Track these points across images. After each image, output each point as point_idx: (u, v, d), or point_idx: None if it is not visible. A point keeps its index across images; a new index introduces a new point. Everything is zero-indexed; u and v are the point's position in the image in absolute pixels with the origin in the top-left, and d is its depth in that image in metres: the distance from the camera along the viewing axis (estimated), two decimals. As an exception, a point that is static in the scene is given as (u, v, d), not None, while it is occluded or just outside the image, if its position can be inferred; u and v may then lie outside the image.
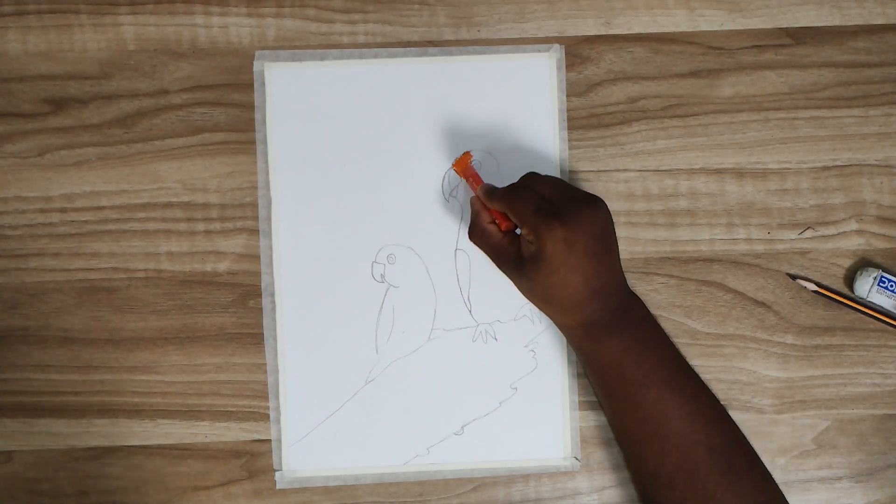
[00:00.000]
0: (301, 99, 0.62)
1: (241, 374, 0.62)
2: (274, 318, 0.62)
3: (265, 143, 0.62)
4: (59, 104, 0.62)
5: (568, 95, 0.63)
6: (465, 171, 0.60)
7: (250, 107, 0.62)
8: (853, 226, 0.63)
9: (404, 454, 0.62)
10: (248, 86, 0.62)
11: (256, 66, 0.62)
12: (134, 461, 0.62)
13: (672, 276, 0.62)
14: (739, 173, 0.63)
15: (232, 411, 0.62)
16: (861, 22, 0.63)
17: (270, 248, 0.62)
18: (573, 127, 0.63)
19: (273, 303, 0.62)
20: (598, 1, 0.63)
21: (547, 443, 0.62)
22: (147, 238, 0.62)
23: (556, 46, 0.62)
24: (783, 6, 0.63)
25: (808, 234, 0.63)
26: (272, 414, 0.62)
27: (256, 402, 0.62)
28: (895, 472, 0.62)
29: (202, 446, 0.62)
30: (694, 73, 0.63)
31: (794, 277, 0.62)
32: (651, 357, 0.55)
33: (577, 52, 0.63)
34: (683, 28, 0.63)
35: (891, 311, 0.62)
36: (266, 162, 0.62)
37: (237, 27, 0.63)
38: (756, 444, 0.57)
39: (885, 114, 0.63)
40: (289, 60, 0.62)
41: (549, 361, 0.62)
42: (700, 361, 0.62)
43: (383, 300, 0.62)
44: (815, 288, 0.62)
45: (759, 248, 0.63)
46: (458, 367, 0.62)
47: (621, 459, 0.61)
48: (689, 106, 0.63)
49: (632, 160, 0.63)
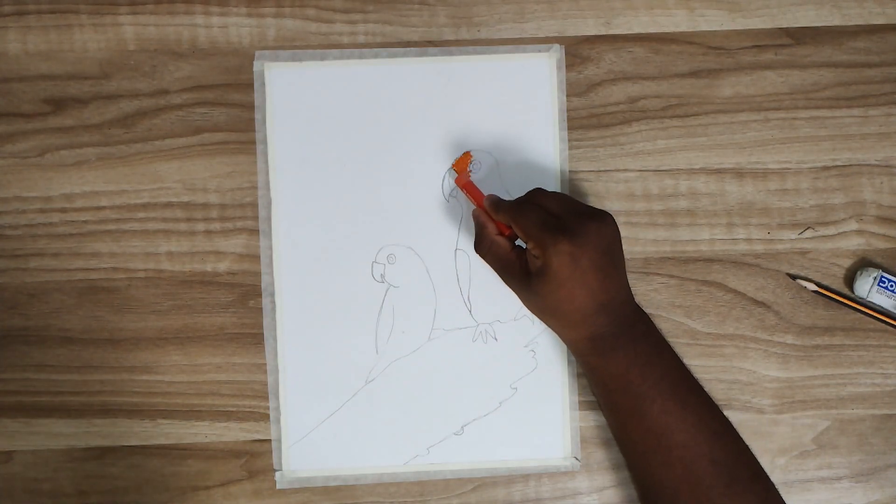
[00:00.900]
0: (301, 99, 0.62)
1: (241, 374, 0.62)
2: (274, 318, 0.62)
3: (265, 143, 0.62)
4: (59, 104, 0.62)
5: (568, 95, 0.63)
6: (464, 183, 0.60)
7: (250, 107, 0.62)
8: (853, 226, 0.63)
9: (404, 454, 0.62)
10: (248, 86, 0.62)
11: (256, 66, 0.62)
12: (134, 461, 0.62)
13: (672, 276, 0.62)
14: (739, 173, 0.63)
15: (232, 411, 0.62)
16: (861, 22, 0.63)
17: (270, 248, 0.62)
18: (573, 127, 0.63)
19: (273, 303, 0.62)
20: (598, 1, 0.63)
21: (547, 443, 0.62)
22: (147, 238, 0.62)
23: (556, 46, 0.63)
24: (783, 6, 0.63)
25: (808, 234, 0.63)
26: (272, 414, 0.62)
27: (256, 402, 0.62)
28: (895, 472, 0.62)
29: (202, 446, 0.62)
30: (694, 73, 0.63)
31: (794, 277, 0.62)
32: (656, 370, 0.55)
33: (577, 52, 0.63)
34: (683, 28, 0.63)
35: (891, 311, 0.62)
36: (266, 162, 0.62)
37: (237, 27, 0.63)
38: (756, 444, 0.58)
39: (885, 114, 0.63)
40: (289, 60, 0.62)
41: (549, 361, 0.62)
42: (700, 361, 0.62)
43: (383, 300, 0.62)
44: (815, 288, 0.62)
45: (759, 248, 0.63)
46: (458, 367, 0.62)
47: (621, 459, 0.61)
48: (689, 106, 0.63)
49: (632, 160, 0.63)
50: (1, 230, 0.62)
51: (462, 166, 0.61)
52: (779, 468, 0.62)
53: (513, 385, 0.62)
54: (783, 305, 0.62)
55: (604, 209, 0.56)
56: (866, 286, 0.61)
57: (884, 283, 0.61)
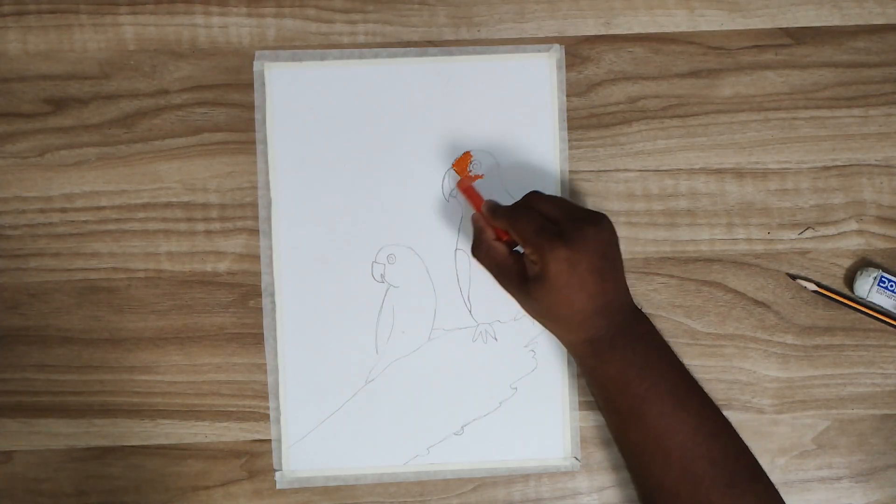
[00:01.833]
0: (301, 99, 0.62)
1: (241, 374, 0.62)
2: (274, 318, 0.62)
3: (265, 143, 0.62)
4: (59, 104, 0.62)
5: (568, 95, 0.63)
6: (465, 187, 0.60)
7: (250, 107, 0.62)
8: (853, 226, 0.63)
9: (404, 454, 0.62)
10: (248, 86, 0.62)
11: (256, 66, 0.62)
12: (134, 461, 0.62)
13: (672, 276, 0.62)
14: (739, 173, 0.63)
15: (232, 411, 0.62)
16: (861, 22, 0.63)
17: (270, 248, 0.62)
18: (573, 127, 0.63)
19: (273, 303, 0.62)
20: (598, 1, 0.63)
21: (547, 443, 0.62)
22: (147, 238, 0.62)
23: (556, 46, 0.63)
24: (783, 6, 0.63)
25: (808, 234, 0.63)
26: (272, 414, 0.62)
27: (256, 402, 0.62)
28: (895, 472, 0.62)
29: (202, 446, 0.62)
30: (694, 73, 0.63)
31: (794, 277, 0.62)
32: (654, 372, 0.55)
33: (577, 52, 0.63)
34: (683, 28, 0.63)
35: (891, 311, 0.62)
36: (266, 162, 0.62)
37: (237, 27, 0.63)
38: (756, 444, 0.58)
39: (885, 114, 0.63)
40: (289, 60, 0.62)
41: (549, 361, 0.62)
42: (700, 361, 0.62)
43: (383, 300, 0.62)
44: (815, 288, 0.62)
45: (759, 248, 0.63)
46: (458, 367, 0.62)
47: (621, 460, 0.61)
48: (689, 106, 0.63)
49: (632, 160, 0.63)
50: (1, 230, 0.62)
51: (462, 166, 0.61)
52: (779, 468, 0.62)
53: (513, 385, 0.62)
54: (783, 305, 0.62)
55: (600, 211, 0.56)
56: (866, 286, 0.61)
57: (884, 283, 0.61)
